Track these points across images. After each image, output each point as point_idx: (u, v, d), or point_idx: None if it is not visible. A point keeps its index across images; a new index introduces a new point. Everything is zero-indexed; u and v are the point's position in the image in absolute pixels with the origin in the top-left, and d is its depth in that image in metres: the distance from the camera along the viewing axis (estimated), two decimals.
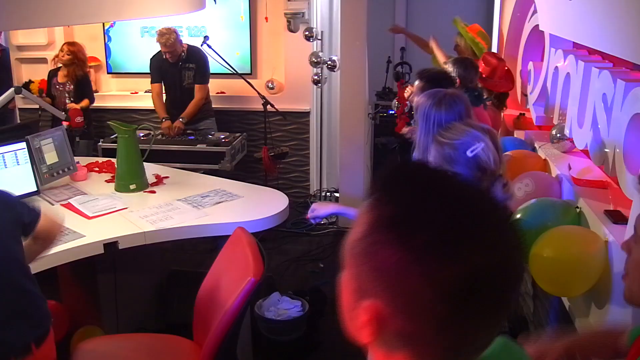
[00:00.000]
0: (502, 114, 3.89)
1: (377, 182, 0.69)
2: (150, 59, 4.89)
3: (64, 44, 4.96)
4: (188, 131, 4.79)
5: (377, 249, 0.64)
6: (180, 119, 4.74)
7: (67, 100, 4.88)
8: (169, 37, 4.55)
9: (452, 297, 0.61)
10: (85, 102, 4.91)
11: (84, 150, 4.67)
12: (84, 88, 4.97)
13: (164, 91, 4.91)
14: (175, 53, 4.67)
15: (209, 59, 4.86)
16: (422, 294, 0.61)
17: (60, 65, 4.94)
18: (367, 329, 0.65)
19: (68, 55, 4.86)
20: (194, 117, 4.81)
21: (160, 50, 4.73)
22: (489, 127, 1.74)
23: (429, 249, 0.61)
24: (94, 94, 5.38)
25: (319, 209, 2.37)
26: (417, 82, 2.75)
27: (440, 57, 4.06)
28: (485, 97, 3.43)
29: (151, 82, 4.92)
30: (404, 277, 0.62)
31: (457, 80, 3.08)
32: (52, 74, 5.00)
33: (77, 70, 4.91)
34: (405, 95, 3.75)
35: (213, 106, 5.07)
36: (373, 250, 0.65)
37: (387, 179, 0.68)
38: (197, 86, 4.76)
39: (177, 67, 4.75)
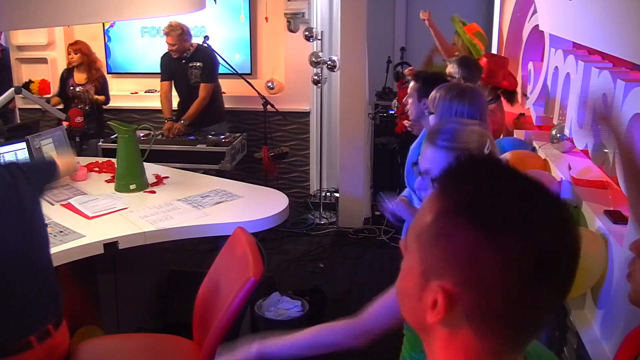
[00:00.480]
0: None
1: (442, 175, 0.74)
2: (161, 57, 4.88)
3: (68, 46, 4.93)
4: (194, 134, 4.76)
5: (449, 231, 0.69)
6: (182, 121, 4.73)
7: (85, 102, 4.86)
8: (174, 29, 4.54)
9: (522, 271, 0.66)
10: (101, 98, 4.89)
11: (94, 150, 4.66)
12: (103, 87, 4.96)
13: (175, 90, 4.89)
14: (180, 49, 4.65)
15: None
16: (495, 269, 0.66)
17: (74, 66, 4.91)
18: (436, 308, 0.70)
19: (76, 54, 4.85)
20: (201, 118, 4.76)
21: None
22: (481, 122, 1.71)
23: (501, 227, 0.66)
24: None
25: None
26: (412, 84, 2.73)
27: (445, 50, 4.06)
28: (490, 98, 3.41)
29: (160, 80, 4.90)
30: (478, 255, 0.67)
31: (462, 81, 3.07)
32: (67, 74, 4.96)
33: (94, 69, 4.89)
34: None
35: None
36: (444, 233, 0.69)
37: (452, 171, 0.74)
38: (201, 85, 4.73)
39: (183, 64, 4.73)
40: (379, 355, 3.38)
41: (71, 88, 4.89)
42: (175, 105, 4.91)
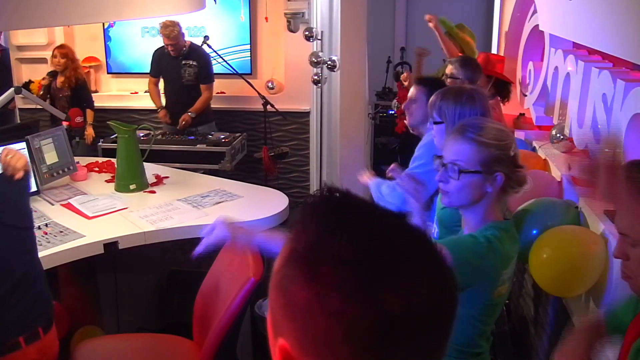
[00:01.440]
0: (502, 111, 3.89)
1: (301, 209, 0.64)
2: (154, 52, 4.92)
3: (55, 49, 4.94)
4: (189, 136, 4.78)
5: (287, 283, 0.60)
6: (189, 113, 4.74)
7: (66, 105, 4.86)
8: (172, 29, 4.56)
9: (361, 340, 0.55)
10: (90, 115, 4.91)
11: (83, 151, 4.68)
12: (81, 94, 4.94)
13: (163, 87, 4.93)
14: (178, 47, 4.67)
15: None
16: (328, 334, 0.56)
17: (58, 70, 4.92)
18: None
19: (63, 59, 4.85)
20: (183, 113, 4.78)
21: (163, 45, 4.74)
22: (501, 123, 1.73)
23: (335, 286, 0.56)
24: (94, 93, 5.39)
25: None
26: (414, 88, 2.69)
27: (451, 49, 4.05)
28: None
29: (149, 74, 4.96)
30: (310, 315, 0.57)
31: (466, 83, 3.07)
32: (52, 75, 4.98)
33: (74, 74, 4.89)
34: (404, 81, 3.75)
35: (213, 106, 5.07)
36: (284, 284, 0.60)
37: (307, 208, 0.63)
38: (203, 86, 4.76)
39: (177, 62, 4.74)
40: None
41: (55, 92, 4.91)
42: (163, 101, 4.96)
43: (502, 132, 1.59)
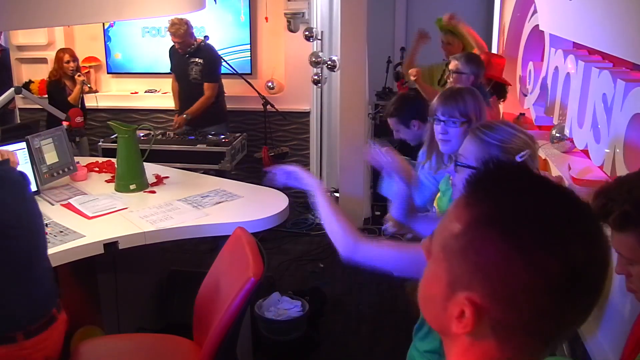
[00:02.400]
0: (500, 110, 3.89)
1: (471, 181, 0.72)
2: (169, 49, 4.95)
3: (64, 53, 4.87)
4: (194, 134, 4.78)
5: (478, 244, 0.67)
6: (185, 115, 4.74)
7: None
8: (179, 27, 4.57)
9: (555, 288, 0.65)
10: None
11: (79, 151, 4.68)
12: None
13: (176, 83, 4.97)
14: (185, 44, 4.68)
15: None
16: (527, 285, 0.65)
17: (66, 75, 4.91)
18: (463, 320, 0.68)
19: (74, 62, 4.85)
20: (203, 117, 4.78)
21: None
22: (532, 134, 1.74)
23: (533, 242, 0.65)
24: (94, 93, 5.38)
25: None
26: (390, 120, 2.97)
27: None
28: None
29: (170, 70, 5.01)
30: (508, 270, 0.65)
31: (471, 78, 3.11)
32: (59, 85, 4.92)
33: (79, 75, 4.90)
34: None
35: None
36: (474, 246, 0.68)
37: (483, 177, 0.72)
38: (206, 85, 4.75)
39: (184, 59, 4.75)
40: (384, 353, 3.37)
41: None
42: None
43: (520, 138, 1.61)
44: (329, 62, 4.96)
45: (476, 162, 1.56)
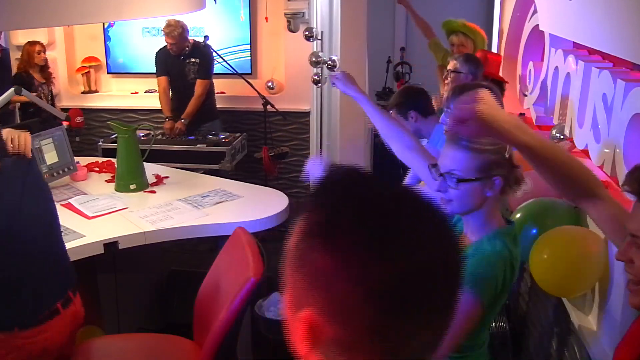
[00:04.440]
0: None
1: (313, 189, 0.68)
2: (156, 52, 4.87)
3: (35, 45, 4.94)
4: (193, 133, 4.77)
5: (306, 255, 0.63)
6: (182, 120, 4.73)
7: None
8: (174, 29, 4.56)
9: (380, 299, 0.60)
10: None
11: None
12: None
13: (170, 86, 4.90)
14: (179, 46, 4.66)
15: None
16: (350, 298, 0.60)
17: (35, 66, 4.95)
18: (304, 340, 0.64)
19: (45, 54, 4.91)
20: (195, 116, 4.77)
21: (165, 45, 4.74)
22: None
23: (352, 251, 0.60)
24: (94, 93, 5.38)
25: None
26: (392, 113, 2.91)
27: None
28: None
29: (157, 75, 4.88)
30: (332, 282, 0.61)
31: (469, 77, 3.12)
32: (27, 76, 4.98)
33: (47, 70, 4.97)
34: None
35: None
36: (303, 257, 0.64)
37: (318, 185, 0.67)
38: (198, 81, 4.74)
39: (181, 61, 4.74)
40: None
41: (39, 89, 4.93)
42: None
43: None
44: (329, 62, 4.95)
45: (477, 172, 1.52)
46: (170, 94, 4.91)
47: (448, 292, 0.64)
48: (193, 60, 4.73)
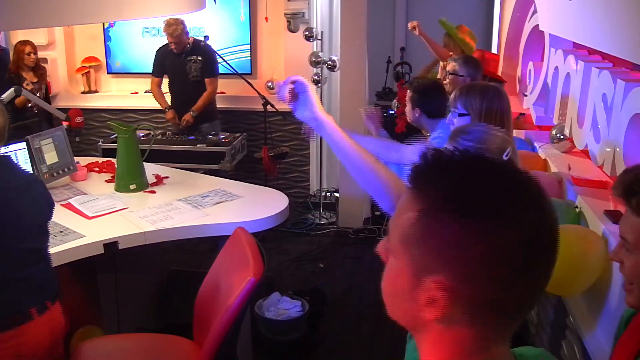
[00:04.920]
0: None
1: (414, 174, 0.75)
2: (156, 51, 4.91)
3: (28, 46, 4.93)
4: (193, 133, 4.79)
5: (433, 228, 0.71)
6: (191, 112, 4.75)
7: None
8: (175, 28, 4.58)
9: (509, 257, 0.69)
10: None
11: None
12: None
13: (168, 84, 4.94)
14: (181, 44, 4.69)
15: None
16: (484, 258, 0.68)
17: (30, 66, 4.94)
18: (433, 305, 0.71)
19: (35, 54, 4.90)
20: (188, 110, 4.79)
21: (166, 43, 4.76)
22: (506, 130, 1.75)
23: (486, 216, 0.69)
24: (94, 93, 5.40)
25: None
26: (408, 92, 2.82)
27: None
28: None
29: (152, 75, 4.93)
30: (465, 247, 0.69)
31: (467, 80, 3.12)
32: (16, 78, 4.93)
33: (42, 69, 4.97)
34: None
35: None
36: (429, 231, 0.71)
37: (425, 169, 0.75)
38: (207, 80, 4.77)
39: (182, 59, 4.75)
40: (384, 352, 3.37)
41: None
42: (168, 100, 4.97)
43: (497, 138, 1.60)
44: (329, 62, 4.96)
45: None
46: (169, 92, 4.94)
47: (555, 249, 0.74)
48: (194, 57, 4.74)
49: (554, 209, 0.73)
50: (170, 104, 4.90)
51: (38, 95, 4.82)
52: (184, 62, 4.75)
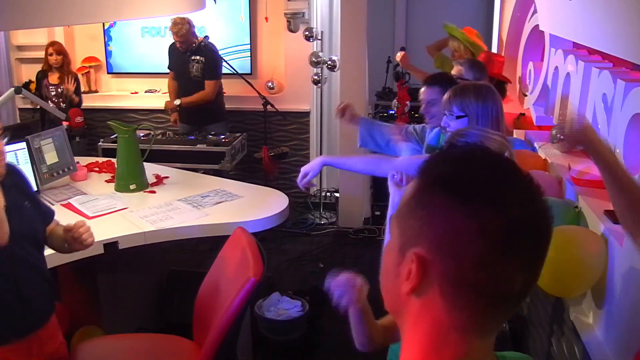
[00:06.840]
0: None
1: (422, 166, 0.77)
2: (169, 45, 4.97)
3: (48, 47, 4.95)
4: (194, 133, 4.80)
5: (425, 201, 0.73)
6: (175, 101, 4.82)
7: (64, 100, 4.89)
8: (181, 27, 4.60)
9: (492, 236, 0.69)
10: (76, 99, 4.93)
11: (81, 149, 4.68)
12: (77, 88, 4.99)
13: (175, 80, 4.99)
14: (187, 43, 4.71)
15: None
16: (466, 233, 0.69)
17: (55, 67, 4.94)
18: (410, 278, 0.72)
19: (58, 55, 4.88)
20: (202, 116, 4.81)
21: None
22: (503, 134, 1.76)
23: (474, 194, 0.70)
24: (94, 93, 5.40)
25: (308, 169, 2.33)
26: (425, 91, 2.63)
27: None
28: None
29: (168, 67, 5.03)
30: (450, 219, 0.70)
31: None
32: (42, 75, 5.00)
33: (69, 70, 4.96)
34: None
35: None
36: (421, 203, 0.74)
37: (433, 161, 0.78)
38: (206, 82, 4.78)
39: (185, 57, 4.77)
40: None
41: (45, 89, 4.91)
42: None
43: (495, 142, 1.61)
44: (329, 62, 4.96)
45: None
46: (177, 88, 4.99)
47: (543, 244, 0.73)
48: (198, 57, 4.75)
49: (548, 205, 0.74)
50: (177, 103, 4.94)
51: (61, 98, 4.87)
52: (187, 61, 4.76)
